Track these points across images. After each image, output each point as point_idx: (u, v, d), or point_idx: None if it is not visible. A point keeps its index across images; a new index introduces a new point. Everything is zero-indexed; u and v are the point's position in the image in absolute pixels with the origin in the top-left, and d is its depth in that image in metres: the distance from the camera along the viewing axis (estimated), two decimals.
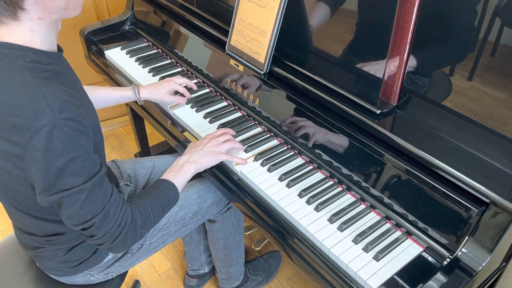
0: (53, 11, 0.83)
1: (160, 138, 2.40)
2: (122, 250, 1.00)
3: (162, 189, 1.04)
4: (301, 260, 1.01)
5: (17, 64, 0.81)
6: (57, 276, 1.14)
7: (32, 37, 0.83)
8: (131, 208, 0.96)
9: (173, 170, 1.11)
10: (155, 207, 1.00)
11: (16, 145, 0.80)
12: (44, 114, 0.78)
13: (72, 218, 0.88)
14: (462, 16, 0.96)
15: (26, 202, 0.94)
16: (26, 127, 0.78)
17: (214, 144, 1.18)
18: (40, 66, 0.83)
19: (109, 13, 2.34)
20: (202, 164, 1.14)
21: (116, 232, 0.92)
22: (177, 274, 1.82)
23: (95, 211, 0.88)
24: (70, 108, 0.81)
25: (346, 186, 1.10)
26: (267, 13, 1.25)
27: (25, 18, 0.81)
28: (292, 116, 1.23)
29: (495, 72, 0.94)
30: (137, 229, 0.96)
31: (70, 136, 0.80)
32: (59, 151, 0.80)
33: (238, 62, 1.37)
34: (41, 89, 0.79)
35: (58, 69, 0.87)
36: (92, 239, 0.93)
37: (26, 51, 0.82)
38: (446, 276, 0.86)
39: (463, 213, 0.90)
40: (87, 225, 0.89)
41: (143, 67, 1.62)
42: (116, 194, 0.93)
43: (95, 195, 0.87)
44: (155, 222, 1.02)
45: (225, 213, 1.41)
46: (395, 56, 1.04)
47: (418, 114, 1.05)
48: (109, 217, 0.90)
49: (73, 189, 0.84)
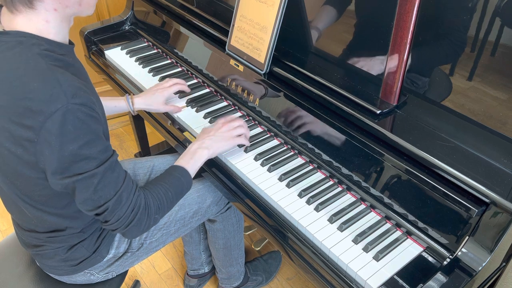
0: (68, 5, 0.86)
1: (160, 138, 2.40)
2: (137, 236, 1.00)
3: (175, 175, 1.05)
4: (301, 260, 1.01)
5: (31, 51, 0.83)
6: (58, 276, 1.14)
7: (47, 28, 0.86)
8: (144, 193, 0.97)
9: (185, 156, 1.11)
10: (168, 192, 1.01)
11: (29, 129, 0.81)
12: (58, 98, 0.79)
13: (86, 203, 0.89)
14: (462, 16, 0.96)
15: (33, 191, 0.94)
16: (40, 111, 0.79)
17: (226, 129, 1.17)
18: (53, 55, 0.85)
19: (109, 13, 2.34)
20: (215, 149, 1.14)
21: (129, 217, 0.93)
22: (177, 274, 1.82)
23: (108, 195, 0.89)
24: (83, 94, 0.82)
25: (346, 186, 1.10)
26: (268, 9, 1.25)
27: (41, 8, 0.83)
28: (292, 116, 1.23)
29: (495, 72, 0.94)
30: (151, 214, 0.97)
31: (82, 121, 0.82)
32: (72, 135, 0.81)
33: (238, 62, 1.37)
34: (55, 75, 0.81)
35: (70, 60, 0.90)
36: (106, 224, 0.94)
37: (41, 40, 0.85)
38: (446, 276, 0.86)
39: (463, 213, 0.90)
40: (101, 210, 0.90)
41: (143, 67, 1.62)
42: (129, 180, 0.94)
43: (108, 180, 0.88)
44: (169, 208, 1.03)
45: (225, 212, 1.41)
46: (395, 56, 1.04)
47: (418, 114, 1.05)
48: (122, 202, 0.91)
49: (86, 173, 0.85)
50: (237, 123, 1.20)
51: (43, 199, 0.96)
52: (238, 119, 1.22)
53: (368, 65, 1.12)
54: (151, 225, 0.99)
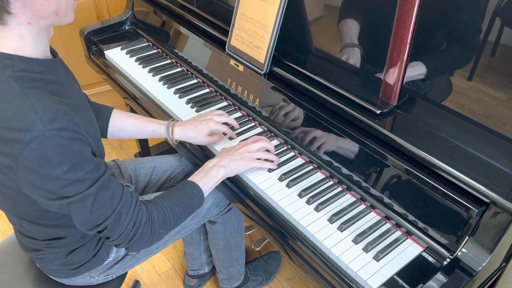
0: (43, 16, 0.79)
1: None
2: (141, 249, 0.98)
3: (186, 190, 1.02)
4: (301, 260, 1.01)
5: (4, 74, 0.78)
6: (57, 278, 1.14)
7: (22, 44, 0.80)
8: (147, 207, 0.94)
9: (200, 173, 1.08)
10: (176, 207, 0.98)
11: (8, 157, 0.79)
12: (34, 126, 0.75)
13: (85, 223, 0.87)
14: (462, 16, 0.96)
15: (25, 208, 0.93)
16: (16, 140, 0.76)
17: (247, 150, 1.13)
18: (29, 76, 0.80)
19: (109, 13, 2.34)
20: (232, 168, 1.10)
21: (131, 232, 0.91)
22: (177, 274, 1.82)
23: (105, 214, 0.87)
24: (62, 117, 0.78)
25: (346, 186, 1.10)
26: (268, 7, 1.25)
27: (13, 23, 0.78)
28: (292, 116, 1.23)
29: (495, 72, 0.94)
30: (155, 228, 0.94)
31: (64, 146, 0.78)
32: (55, 162, 0.78)
33: (238, 62, 1.37)
34: (30, 100, 0.76)
35: (50, 77, 0.84)
36: (108, 240, 0.92)
37: (15, 60, 0.79)
38: (446, 276, 0.86)
39: (463, 213, 0.90)
40: (100, 228, 0.88)
41: (143, 67, 1.62)
42: (127, 194, 0.91)
43: (102, 199, 0.85)
44: (176, 223, 0.99)
45: (225, 214, 1.41)
46: (395, 56, 1.04)
47: (418, 114, 1.05)
48: (122, 218, 0.89)
49: (77, 195, 0.82)
50: (258, 145, 1.14)
51: (37, 214, 0.94)
52: (260, 141, 1.16)
53: (368, 65, 1.12)
54: (155, 240, 0.96)
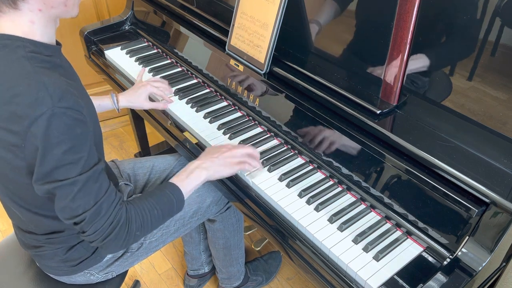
0: (53, 5, 0.84)
1: (160, 138, 2.40)
2: (115, 251, 0.98)
3: (166, 192, 1.01)
4: (301, 260, 1.01)
5: (16, 54, 0.82)
6: (57, 276, 1.14)
7: (32, 29, 0.84)
8: (127, 208, 0.93)
9: (181, 175, 1.06)
10: (154, 210, 0.97)
11: (15, 134, 0.80)
12: (44, 101, 0.78)
13: (64, 210, 0.87)
14: (462, 16, 0.96)
15: (26, 195, 0.94)
16: (25, 115, 0.78)
17: (232, 155, 1.11)
18: (40, 57, 0.84)
19: (109, 13, 2.34)
20: (214, 172, 1.08)
21: (107, 231, 0.90)
22: (177, 274, 1.82)
23: (86, 205, 0.87)
24: (70, 97, 0.81)
25: (346, 186, 1.10)
26: (269, 6, 1.25)
27: (25, 8, 0.82)
28: (292, 116, 1.23)
29: (495, 72, 0.94)
30: (131, 230, 0.93)
31: (68, 125, 0.80)
32: (56, 140, 0.80)
33: (238, 62, 1.37)
34: (41, 78, 0.80)
35: (58, 61, 0.88)
36: (83, 235, 0.91)
37: (26, 42, 0.83)
38: (446, 276, 0.86)
39: (463, 213, 0.90)
40: (78, 220, 0.88)
41: (143, 67, 1.62)
42: (111, 192, 0.91)
43: (88, 189, 0.86)
44: (153, 227, 0.98)
45: (224, 212, 1.41)
46: (395, 56, 1.04)
47: (418, 114, 1.05)
48: (101, 214, 0.88)
49: (67, 180, 0.83)
50: (245, 150, 1.13)
51: (37, 203, 0.95)
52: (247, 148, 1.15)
53: (368, 65, 1.12)
54: (131, 242, 0.95)
